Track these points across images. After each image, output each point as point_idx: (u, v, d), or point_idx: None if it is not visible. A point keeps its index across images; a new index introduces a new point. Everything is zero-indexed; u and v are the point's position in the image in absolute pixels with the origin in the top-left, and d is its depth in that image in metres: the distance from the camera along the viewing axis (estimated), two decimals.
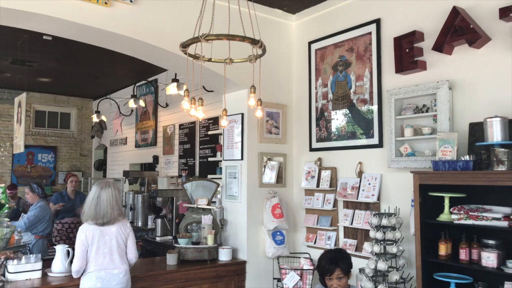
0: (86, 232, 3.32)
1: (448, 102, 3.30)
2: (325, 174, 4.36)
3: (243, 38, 2.67)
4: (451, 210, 3.03)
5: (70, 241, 5.49)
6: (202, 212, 4.46)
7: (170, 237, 5.62)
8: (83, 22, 3.59)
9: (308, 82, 4.67)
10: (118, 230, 3.40)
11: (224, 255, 4.30)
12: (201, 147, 6.59)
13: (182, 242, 4.25)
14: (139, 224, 6.67)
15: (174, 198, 5.83)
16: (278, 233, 4.42)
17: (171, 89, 5.93)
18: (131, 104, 7.24)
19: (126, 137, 8.88)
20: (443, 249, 3.07)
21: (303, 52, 4.78)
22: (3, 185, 4.00)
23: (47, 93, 9.77)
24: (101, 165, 10.23)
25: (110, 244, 3.35)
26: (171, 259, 4.13)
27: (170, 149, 7.32)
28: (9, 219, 3.95)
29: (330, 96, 4.43)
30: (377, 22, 3.99)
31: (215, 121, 6.13)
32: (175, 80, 6.09)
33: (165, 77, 7.43)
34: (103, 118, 8.75)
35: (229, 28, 2.81)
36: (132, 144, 8.60)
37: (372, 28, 4.03)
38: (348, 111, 4.23)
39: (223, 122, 3.01)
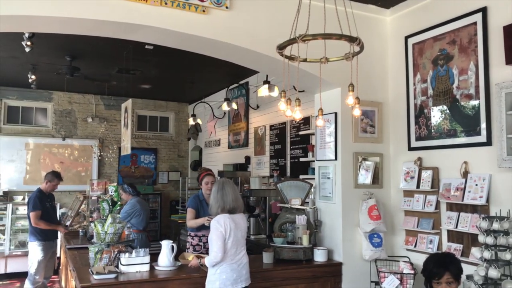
0: (224, 224, 3.39)
1: None
2: (426, 175, 4.14)
3: (340, 36, 2.64)
4: None
5: None
6: (296, 212, 4.48)
7: (263, 236, 5.73)
8: (183, 31, 3.79)
9: (405, 78, 4.48)
10: (244, 221, 3.62)
11: (319, 256, 4.28)
12: (292, 147, 6.62)
13: (278, 242, 4.31)
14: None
15: (267, 197, 5.93)
16: (375, 236, 4.29)
17: (263, 91, 6.04)
18: (225, 107, 7.51)
19: (220, 139, 9.23)
20: None
21: (399, 47, 4.59)
22: (115, 184, 4.37)
23: (148, 98, 10.49)
24: (197, 166, 10.73)
25: (241, 235, 3.50)
26: (267, 257, 4.20)
27: (262, 150, 7.46)
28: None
29: (430, 92, 4.20)
30: (483, 10, 3.70)
31: (306, 121, 6.12)
32: (266, 82, 6.19)
33: (255, 80, 7.59)
34: (199, 121, 9.18)
35: (324, 27, 2.79)
36: (225, 145, 8.91)
37: (477, 17, 3.74)
38: (450, 107, 3.98)
39: (319, 122, 3.01)
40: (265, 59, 4.16)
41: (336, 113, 4.41)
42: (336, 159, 4.41)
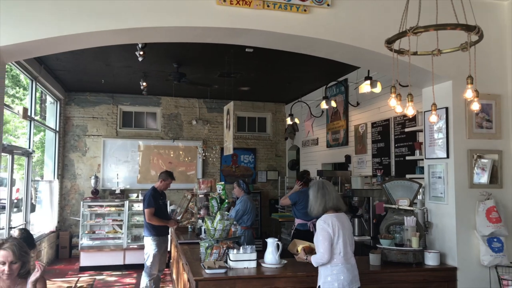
0: (331, 224, 3.30)
1: None
2: None
3: (456, 26, 2.46)
4: None
5: None
6: (404, 213, 4.29)
7: (367, 237, 5.57)
8: (285, 32, 3.83)
9: None
10: (348, 220, 3.54)
11: (430, 260, 4.04)
12: (396, 145, 6.34)
13: (385, 243, 4.15)
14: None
15: (370, 198, 5.75)
16: (495, 240, 3.94)
17: (365, 87, 5.88)
18: (323, 105, 7.45)
19: (317, 138, 9.17)
20: None
21: None
22: (223, 182, 4.56)
23: (246, 100, 10.80)
24: (294, 165, 10.80)
25: (349, 234, 3.41)
26: (374, 259, 4.08)
27: (363, 148, 7.26)
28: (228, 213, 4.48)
29: None
30: None
31: (412, 117, 5.82)
32: (368, 78, 6.01)
33: (355, 76, 7.42)
34: (296, 120, 9.22)
35: (436, 17, 2.63)
36: (324, 144, 8.83)
37: None
38: None
39: (432, 117, 2.85)
40: (368, 55, 4.04)
41: (447, 108, 4.13)
42: (447, 157, 4.13)
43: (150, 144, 10.28)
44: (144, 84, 8.26)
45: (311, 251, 3.68)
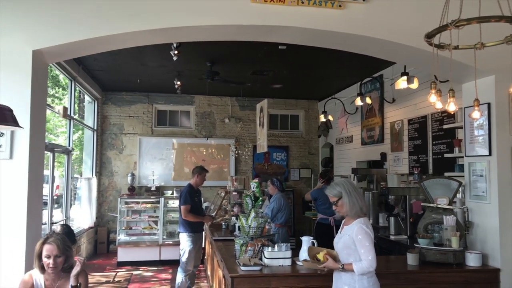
0: (371, 228, 3.18)
1: None
2: None
3: (500, 18, 2.36)
4: None
5: None
6: (443, 212, 4.17)
7: (404, 236, 5.46)
8: (319, 28, 3.79)
9: None
10: None
11: (472, 260, 3.92)
12: (434, 142, 6.17)
13: (423, 243, 4.05)
14: (370, 221, 6.66)
15: (407, 196, 5.62)
16: None
17: (401, 83, 5.74)
18: (358, 102, 7.34)
19: (352, 135, 9.05)
20: None
21: None
22: (257, 180, 4.57)
23: (279, 98, 10.76)
24: (328, 163, 10.70)
25: None
26: (412, 259, 3.99)
27: (399, 146, 7.10)
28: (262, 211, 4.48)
29: None
30: None
31: (450, 114, 5.64)
32: (404, 73, 5.87)
33: (391, 72, 7.27)
34: (330, 117, 9.13)
35: (479, 9, 2.54)
36: (358, 142, 8.71)
37: None
38: None
39: (475, 114, 2.76)
40: (406, 50, 3.96)
41: (489, 104, 3.99)
42: (490, 154, 3.98)
43: (183, 142, 10.42)
44: (178, 83, 8.37)
45: (334, 258, 3.24)
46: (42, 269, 2.87)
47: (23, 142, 3.47)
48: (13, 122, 2.37)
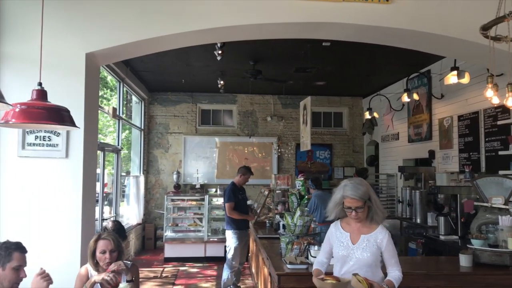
0: None
1: None
2: None
3: None
4: None
5: None
6: (498, 212, 3.99)
7: (455, 237, 5.26)
8: (366, 23, 3.74)
9: None
10: None
11: None
12: (487, 139, 5.90)
13: (476, 244, 3.89)
14: (418, 221, 6.51)
15: (458, 195, 5.42)
16: None
17: (451, 78, 5.53)
18: (405, 98, 7.15)
19: (398, 132, 8.82)
20: None
21: None
22: (302, 178, 4.55)
23: (322, 95, 10.65)
24: (373, 161, 10.49)
25: None
26: (465, 260, 3.83)
27: (448, 143, 6.85)
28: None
29: None
30: None
31: (504, 109, 5.39)
32: (454, 68, 5.65)
33: (439, 67, 7.02)
34: (375, 114, 8.94)
35: None
36: (405, 139, 8.48)
37: None
38: None
39: None
40: (457, 44, 3.83)
41: None
42: None
43: (226, 140, 10.54)
44: (222, 82, 8.47)
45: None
46: (96, 265, 2.98)
47: (77, 141, 3.63)
48: (70, 122, 2.47)
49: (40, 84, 2.43)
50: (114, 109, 7.42)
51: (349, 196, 2.78)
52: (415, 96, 7.36)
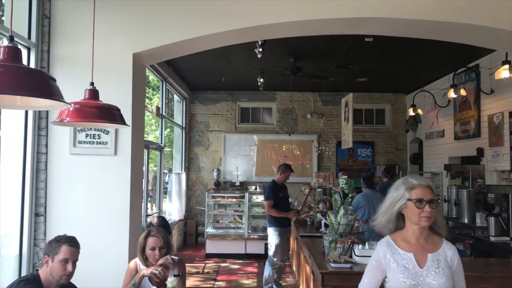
0: None
1: None
2: None
3: None
4: None
5: None
6: None
7: (507, 238, 5.05)
8: (411, 17, 3.64)
9: None
10: None
11: None
12: None
13: None
14: (465, 221, 6.28)
15: (509, 195, 5.19)
16: None
17: (503, 72, 5.30)
18: (451, 94, 6.91)
19: (443, 129, 8.53)
20: None
21: None
22: (345, 176, 4.49)
23: (363, 92, 10.44)
24: (417, 159, 10.21)
25: None
26: None
27: (499, 140, 6.55)
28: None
29: None
30: None
31: None
32: (506, 62, 5.40)
33: (488, 61, 6.73)
34: (419, 111, 8.69)
35: None
36: (451, 136, 8.19)
37: None
38: None
39: None
40: (509, 36, 3.65)
41: None
42: None
43: (265, 138, 10.55)
44: (261, 80, 8.48)
45: None
46: (145, 261, 3.06)
47: (126, 139, 3.74)
48: (121, 120, 2.56)
49: (92, 84, 2.53)
50: (158, 108, 7.59)
51: (421, 184, 2.09)
52: (462, 92, 7.10)
